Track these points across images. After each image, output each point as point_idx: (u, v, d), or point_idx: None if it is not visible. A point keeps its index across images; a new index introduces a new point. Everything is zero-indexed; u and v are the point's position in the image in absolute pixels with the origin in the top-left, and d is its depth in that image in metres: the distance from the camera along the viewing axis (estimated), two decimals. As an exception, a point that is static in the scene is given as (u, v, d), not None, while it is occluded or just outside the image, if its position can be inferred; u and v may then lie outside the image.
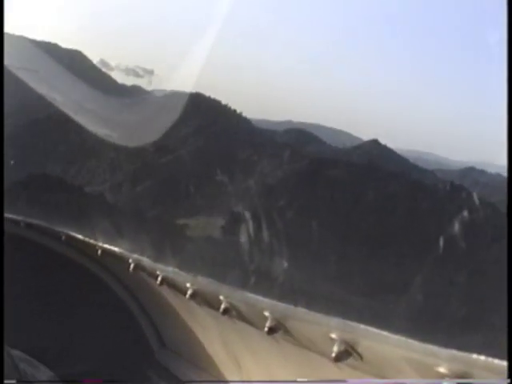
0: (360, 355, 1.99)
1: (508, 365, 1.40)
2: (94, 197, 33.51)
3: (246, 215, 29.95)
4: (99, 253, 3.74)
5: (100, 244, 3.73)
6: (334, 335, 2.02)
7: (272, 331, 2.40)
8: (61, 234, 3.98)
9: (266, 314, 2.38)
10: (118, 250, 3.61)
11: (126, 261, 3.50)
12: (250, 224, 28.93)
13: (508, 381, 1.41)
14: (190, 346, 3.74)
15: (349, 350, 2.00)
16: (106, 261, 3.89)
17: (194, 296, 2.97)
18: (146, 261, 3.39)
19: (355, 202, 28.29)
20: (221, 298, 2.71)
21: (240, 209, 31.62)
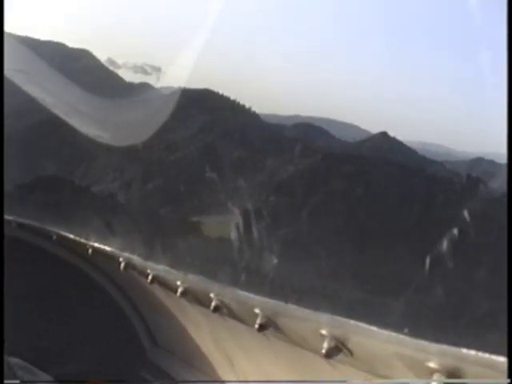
0: (350, 351, 1.97)
1: (508, 365, 1.38)
2: (103, 197, 33.04)
3: (260, 212, 29.35)
4: (90, 252, 3.70)
5: (91, 243, 3.69)
6: (324, 331, 2.00)
7: (262, 328, 2.37)
8: (52, 233, 3.94)
9: (257, 311, 2.36)
10: (108, 248, 3.58)
11: (116, 259, 3.47)
12: (265, 221, 28.35)
13: (508, 381, 1.39)
14: (182, 345, 3.71)
15: (339, 346, 1.98)
16: (97, 260, 3.85)
17: (184, 294, 2.94)
18: (137, 259, 3.36)
19: (372, 198, 27.63)
20: (211, 295, 2.69)
21: (253, 206, 31.00)
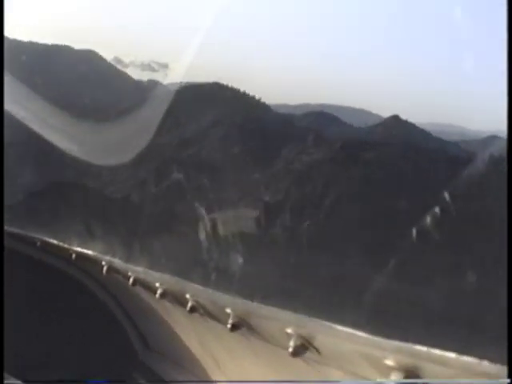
0: (317, 349, 1.92)
1: (508, 365, 1.35)
2: (117, 198, 32.75)
3: (281, 205, 28.79)
4: (73, 257, 3.67)
5: (73, 248, 3.66)
6: (289, 330, 1.95)
7: (235, 328, 2.33)
8: (36, 239, 3.91)
9: (228, 311, 2.31)
10: (90, 252, 3.54)
11: (99, 263, 3.43)
12: (288, 215, 27.77)
13: (508, 381, 1.35)
14: (171, 346, 3.67)
15: (305, 345, 1.93)
16: (81, 264, 3.82)
17: (164, 295, 2.90)
18: (118, 262, 3.32)
19: (397, 185, 26.65)
20: (187, 296, 2.65)
21: (274, 198, 30.37)
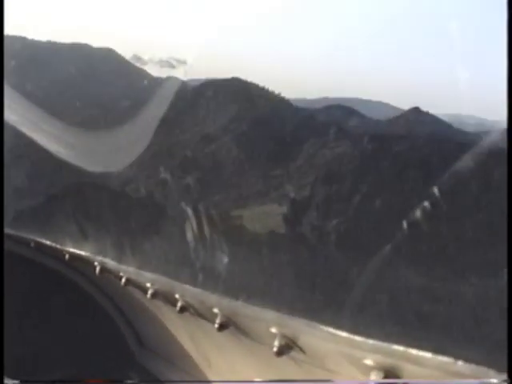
0: (301, 348, 1.91)
1: (508, 365, 1.36)
2: (139, 197, 31.99)
3: (308, 201, 27.76)
4: (67, 257, 3.67)
5: (66, 248, 3.66)
6: (273, 329, 1.94)
7: (223, 327, 2.33)
8: (29, 240, 3.92)
9: (215, 311, 2.31)
10: (83, 253, 3.54)
11: (91, 264, 3.44)
12: (315, 211, 26.78)
13: (508, 381, 1.36)
14: (165, 345, 3.68)
15: (289, 344, 1.92)
16: (75, 265, 3.82)
17: (155, 296, 2.90)
18: (110, 262, 3.32)
19: (429, 179, 25.56)
20: (176, 296, 2.65)
21: (300, 195, 29.32)
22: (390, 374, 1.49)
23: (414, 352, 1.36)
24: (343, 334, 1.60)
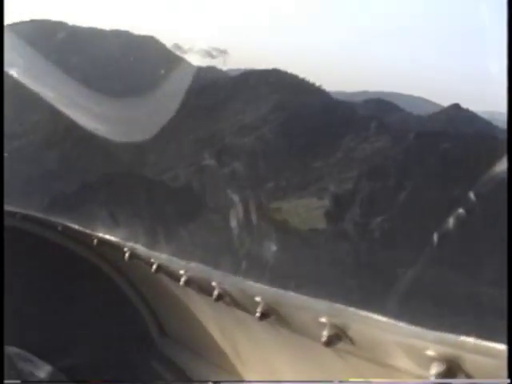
0: (351, 339, 1.93)
1: (508, 365, 1.35)
2: (178, 187, 31.38)
3: (351, 196, 27.09)
4: (95, 242, 3.69)
5: (95, 233, 3.68)
6: (323, 319, 1.96)
7: (264, 317, 2.34)
8: (57, 224, 3.94)
9: (258, 300, 2.33)
10: (113, 238, 3.56)
11: (121, 249, 3.46)
12: (357, 207, 26.11)
13: (508, 381, 1.37)
14: (189, 334, 3.70)
15: (339, 334, 1.94)
16: (103, 250, 3.85)
17: (188, 283, 2.91)
18: (141, 249, 3.34)
19: (476, 177, 24.62)
20: (213, 284, 2.66)
21: (341, 189, 28.50)
22: (451, 364, 1.50)
23: (484, 344, 1.38)
24: (404, 325, 1.62)
